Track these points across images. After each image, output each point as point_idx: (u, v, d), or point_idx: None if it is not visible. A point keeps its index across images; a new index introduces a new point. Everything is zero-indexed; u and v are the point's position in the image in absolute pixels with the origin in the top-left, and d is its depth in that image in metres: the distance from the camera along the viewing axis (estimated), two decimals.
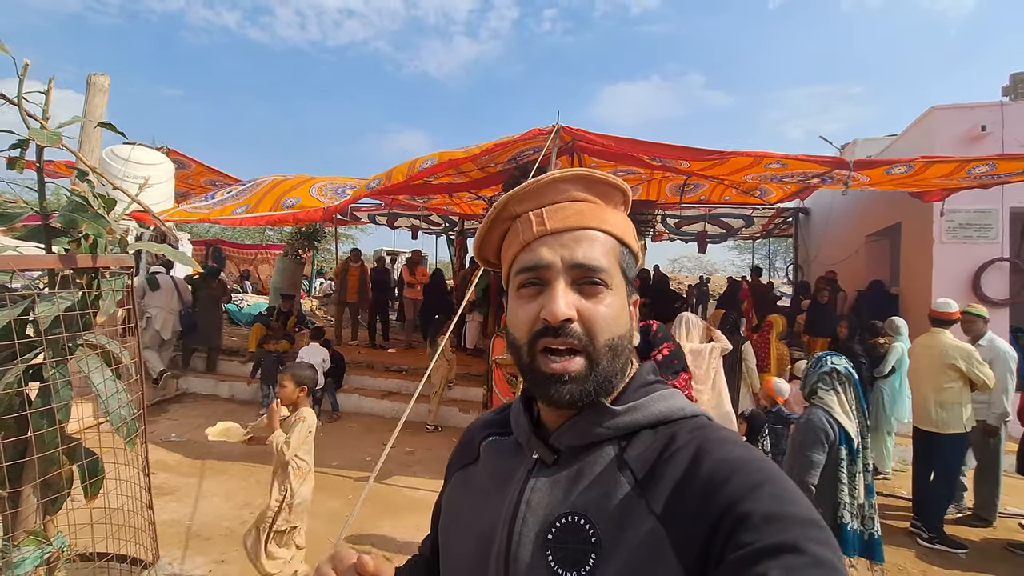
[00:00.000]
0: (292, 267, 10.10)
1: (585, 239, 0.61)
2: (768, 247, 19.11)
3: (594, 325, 0.59)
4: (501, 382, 5.03)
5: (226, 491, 4.23)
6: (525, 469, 0.63)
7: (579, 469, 0.60)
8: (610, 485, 0.57)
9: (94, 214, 1.15)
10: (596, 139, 4.43)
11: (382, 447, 5.53)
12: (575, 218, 0.62)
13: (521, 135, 4.63)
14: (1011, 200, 6.37)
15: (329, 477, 4.60)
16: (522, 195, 0.64)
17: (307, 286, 15.47)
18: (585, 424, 0.61)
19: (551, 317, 0.57)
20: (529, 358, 0.60)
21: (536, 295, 0.61)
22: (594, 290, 0.60)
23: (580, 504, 0.57)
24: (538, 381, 0.60)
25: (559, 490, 0.60)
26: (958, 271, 6.45)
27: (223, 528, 3.65)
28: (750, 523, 0.46)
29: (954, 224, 6.50)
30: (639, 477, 0.57)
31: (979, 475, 4.13)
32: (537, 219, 0.62)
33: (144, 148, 8.40)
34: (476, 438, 0.73)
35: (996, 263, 6.32)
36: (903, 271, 7.51)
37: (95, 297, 1.16)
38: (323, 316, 12.61)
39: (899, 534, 4.02)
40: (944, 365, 3.72)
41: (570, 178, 0.63)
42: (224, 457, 4.86)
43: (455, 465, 0.74)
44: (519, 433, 0.67)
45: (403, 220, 13.15)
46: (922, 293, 6.58)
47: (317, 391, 6.09)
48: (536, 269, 0.60)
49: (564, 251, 0.60)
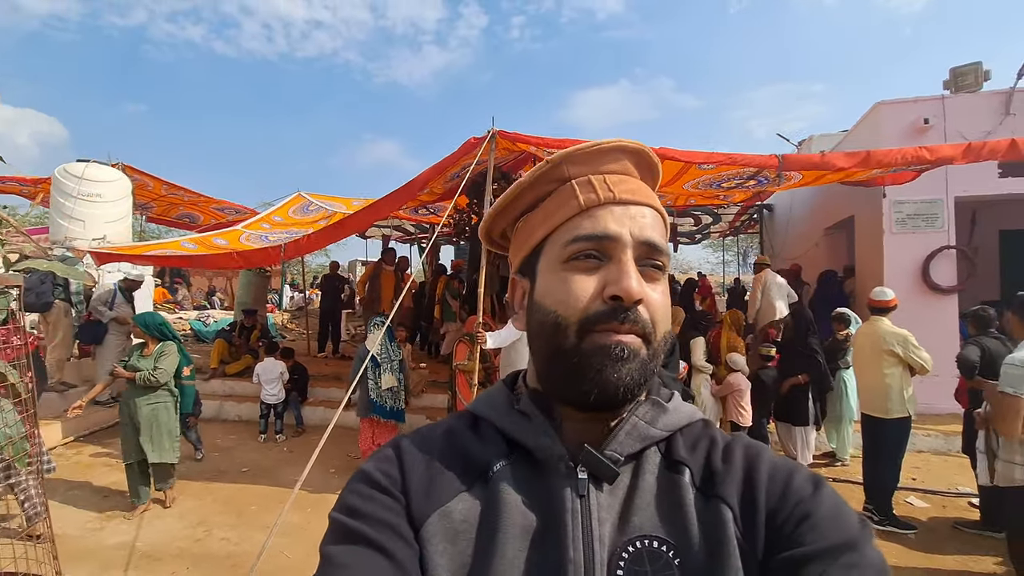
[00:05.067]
0: (257, 280, 9.96)
1: (651, 216, 0.55)
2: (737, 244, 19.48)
3: (656, 313, 0.53)
4: (464, 387, 5.02)
5: (180, 510, 4.13)
6: (572, 492, 0.52)
7: (632, 481, 0.54)
8: (673, 492, 0.53)
9: None
10: (531, 140, 4.49)
11: (348, 457, 5.51)
12: (640, 192, 0.56)
13: (457, 150, 4.66)
14: (955, 190, 6.59)
15: (289, 492, 4.52)
16: (581, 156, 0.56)
17: (277, 300, 15.26)
18: (644, 425, 0.55)
19: (626, 295, 0.50)
20: (578, 338, 0.51)
21: (594, 269, 0.53)
22: (655, 274, 0.54)
23: (647, 524, 0.51)
24: (587, 360, 0.50)
25: (618, 513, 0.52)
26: (908, 260, 6.64)
27: (175, 548, 3.57)
28: (813, 522, 0.48)
29: (903, 215, 6.70)
30: (697, 477, 0.53)
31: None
32: (600, 184, 0.55)
33: (98, 165, 8.28)
34: (448, 473, 0.54)
35: (944, 251, 6.53)
36: (858, 262, 7.72)
37: None
38: (295, 329, 12.46)
39: None
40: (883, 351, 3.83)
41: (632, 150, 0.58)
42: (180, 476, 4.76)
43: (422, 512, 0.52)
44: (546, 447, 0.54)
45: (373, 230, 13.10)
46: (875, 283, 6.76)
47: (279, 406, 6.01)
48: (601, 239, 0.53)
49: (633, 225, 0.54)
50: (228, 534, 3.79)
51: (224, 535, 3.78)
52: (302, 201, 9.19)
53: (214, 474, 4.93)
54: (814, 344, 5.19)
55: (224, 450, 5.64)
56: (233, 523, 3.95)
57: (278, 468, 5.16)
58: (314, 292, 13.11)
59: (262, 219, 8.20)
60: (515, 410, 0.58)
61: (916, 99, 6.80)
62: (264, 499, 4.41)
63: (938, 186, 6.54)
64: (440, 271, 9.36)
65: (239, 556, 3.49)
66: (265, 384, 5.93)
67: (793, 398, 5.05)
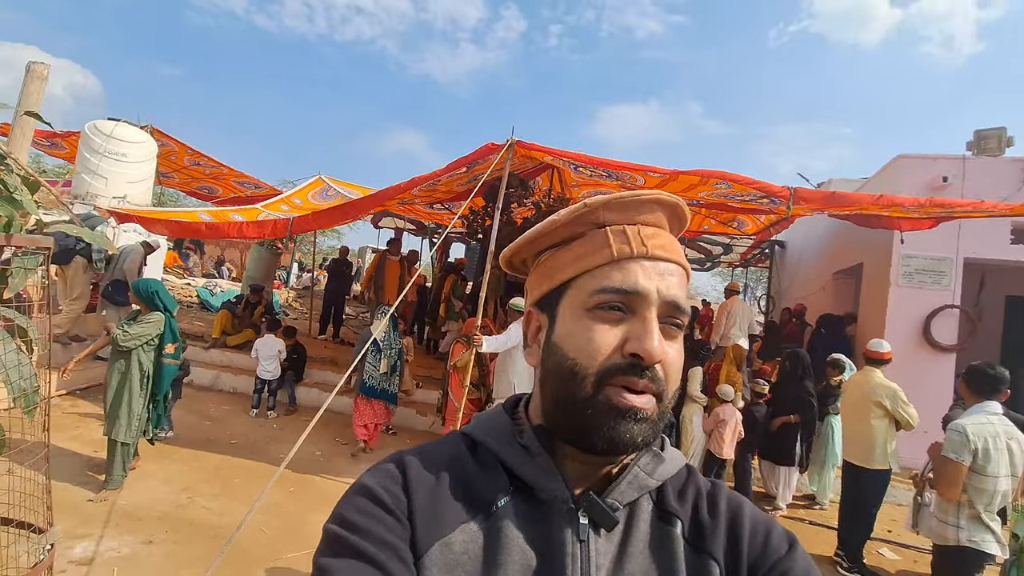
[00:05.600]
0: (268, 257, 10.09)
1: (677, 275, 0.56)
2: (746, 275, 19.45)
3: (671, 371, 0.54)
4: (456, 387, 5.09)
5: (166, 474, 4.23)
6: (573, 536, 0.53)
7: (627, 528, 0.56)
8: (665, 543, 0.55)
9: (8, 196, 1.21)
10: (548, 151, 4.61)
11: (335, 443, 5.59)
12: (670, 248, 0.57)
13: (475, 152, 4.77)
14: (966, 250, 6.62)
15: (275, 468, 4.60)
16: (619, 204, 0.56)
17: (284, 277, 15.41)
18: (644, 476, 0.57)
19: (647, 356, 0.51)
20: (594, 389, 0.52)
21: (618, 321, 0.53)
22: (674, 332, 0.55)
23: (638, 572, 0.53)
24: (600, 415, 0.52)
25: (614, 559, 0.54)
26: (911, 314, 6.67)
27: (157, 511, 3.66)
28: (774, 556, 0.55)
29: (911, 269, 6.72)
30: (687, 530, 0.57)
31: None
32: (635, 236, 0.56)
33: (128, 125, 8.44)
34: (452, 502, 0.54)
35: (947, 309, 6.55)
36: (861, 310, 7.74)
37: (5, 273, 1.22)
38: (298, 308, 12.59)
39: (824, 562, 4.15)
40: (872, 402, 3.87)
41: (668, 204, 0.58)
42: (170, 442, 4.86)
43: (425, 540, 0.52)
44: (550, 487, 0.55)
45: (387, 220, 13.21)
46: (877, 332, 6.78)
47: (274, 382, 6.11)
48: (629, 294, 0.53)
49: (661, 282, 0.54)
50: (211, 503, 3.87)
51: (207, 504, 3.86)
52: (322, 185, 9.33)
53: (203, 443, 5.02)
54: (809, 387, 5.23)
55: (215, 420, 5.73)
56: (217, 493, 4.03)
57: (266, 444, 5.25)
58: (321, 274, 13.26)
59: (282, 200, 8.33)
60: (518, 443, 0.58)
61: (937, 156, 6.84)
62: (249, 473, 4.50)
63: (949, 245, 6.57)
64: (449, 269, 9.45)
65: (219, 527, 3.57)
66: (262, 360, 6.03)
67: (782, 437, 5.09)
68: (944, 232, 6.34)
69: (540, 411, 0.59)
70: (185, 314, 9.56)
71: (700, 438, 5.00)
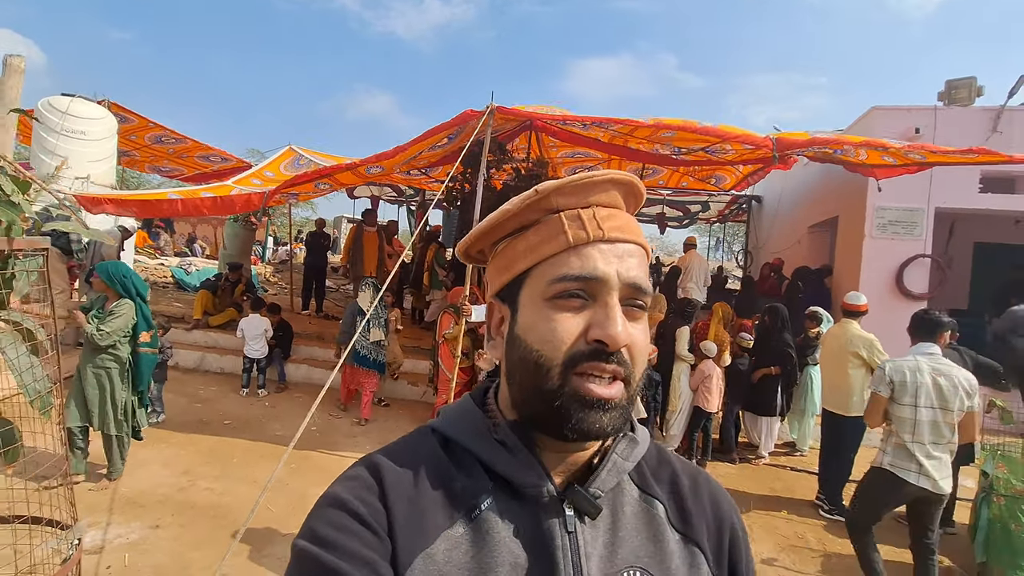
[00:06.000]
0: (243, 233, 9.86)
1: (636, 255, 0.55)
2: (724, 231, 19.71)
3: (637, 353, 0.53)
4: (447, 358, 5.14)
5: (164, 458, 4.23)
6: (561, 528, 0.53)
7: (612, 514, 0.56)
8: (652, 526, 0.57)
9: (8, 202, 1.17)
10: (528, 114, 4.58)
11: (329, 417, 5.64)
12: (627, 229, 0.56)
13: (453, 119, 4.70)
14: (937, 200, 6.80)
15: (272, 447, 4.66)
16: (571, 188, 0.55)
17: (260, 252, 15.12)
18: (622, 461, 0.57)
19: (612, 342, 0.51)
20: (561, 380, 0.51)
21: (580, 309, 0.53)
22: (637, 313, 0.54)
23: (631, 556, 0.54)
24: (568, 406, 0.51)
25: (604, 545, 0.54)
26: (885, 265, 6.88)
27: (159, 495, 3.68)
28: (741, 539, 0.62)
29: (884, 220, 6.90)
30: (671, 514, 0.59)
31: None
32: (590, 220, 0.54)
33: (84, 101, 8.02)
34: (432, 509, 0.53)
35: (919, 259, 6.78)
36: (837, 262, 7.95)
37: (8, 278, 1.19)
38: (277, 283, 12.41)
39: (806, 506, 4.40)
40: (849, 352, 4.05)
41: (623, 182, 0.57)
42: (163, 426, 4.84)
43: (407, 555, 0.50)
44: (534, 483, 0.54)
45: (363, 189, 12.97)
46: (852, 284, 7.00)
47: (262, 360, 6.09)
48: (588, 280, 0.52)
49: (620, 265, 0.53)
50: (212, 484, 3.91)
51: (208, 485, 3.90)
52: (293, 155, 9.07)
53: (197, 425, 5.02)
54: (788, 339, 5.42)
55: (206, 401, 5.72)
56: (217, 474, 4.07)
57: (260, 422, 5.28)
58: (297, 247, 13.03)
59: (253, 175, 8.09)
60: (494, 440, 0.56)
61: (911, 108, 6.94)
62: (246, 452, 4.54)
63: (921, 195, 6.74)
64: (432, 238, 9.37)
65: (222, 507, 3.62)
66: (249, 340, 5.98)
67: (763, 389, 5.29)
68: (916, 183, 6.49)
69: (510, 402, 0.58)
70: (161, 295, 9.36)
71: (687, 394, 5.17)
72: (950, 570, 3.53)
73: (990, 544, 3.17)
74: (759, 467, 5.25)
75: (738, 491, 4.61)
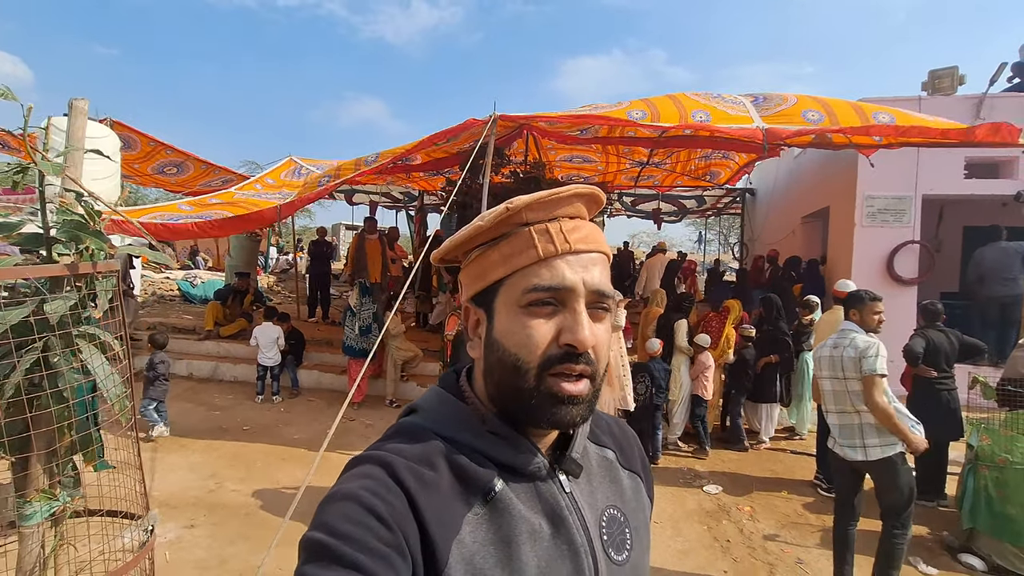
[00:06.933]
0: (248, 244, 10.04)
1: (599, 263, 0.62)
2: (720, 223, 19.90)
3: (600, 350, 0.60)
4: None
5: (190, 464, 4.42)
6: (560, 491, 0.63)
7: (586, 468, 0.67)
8: (611, 470, 0.71)
9: (95, 231, 1.35)
10: (530, 118, 4.76)
11: (344, 420, 5.81)
12: (591, 239, 0.62)
13: (456, 126, 4.87)
14: (924, 188, 7.01)
15: (290, 450, 4.84)
16: (538, 204, 0.60)
17: (263, 262, 15.30)
18: (587, 426, 0.70)
19: (580, 345, 0.57)
20: (537, 380, 0.58)
21: (551, 315, 0.59)
22: (601, 315, 0.61)
23: (603, 498, 0.68)
24: (544, 403, 0.58)
25: (588, 494, 0.66)
26: (875, 252, 7.10)
27: (190, 497, 3.87)
28: (639, 448, 0.79)
29: (874, 209, 7.11)
30: (617, 453, 0.74)
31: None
32: (558, 234, 0.60)
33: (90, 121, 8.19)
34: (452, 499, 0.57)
35: (908, 245, 6.98)
36: (830, 251, 8.16)
37: (90, 295, 1.37)
38: (280, 292, 12.59)
39: (805, 486, 4.59)
40: None
41: (586, 195, 0.63)
42: (185, 434, 5.03)
43: (443, 549, 0.54)
44: (534, 463, 0.62)
45: (361, 196, 13.14)
46: (845, 272, 7.21)
47: (275, 368, 6.27)
48: (558, 290, 0.58)
49: (585, 274, 0.59)
50: (239, 486, 4.10)
51: (235, 487, 4.08)
52: (294, 165, 9.25)
53: (217, 432, 5.20)
54: (783, 327, 5.62)
55: (223, 409, 5.90)
56: (243, 476, 4.26)
57: (277, 427, 5.46)
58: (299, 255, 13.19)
59: (255, 181, 8.29)
60: (487, 432, 0.62)
61: (895, 98, 7.11)
62: (267, 455, 4.72)
63: (908, 184, 6.95)
64: (436, 242, 9.54)
65: (250, 506, 3.81)
66: (263, 348, 6.17)
67: (762, 376, 5.49)
68: (903, 171, 6.71)
69: (486, 395, 0.65)
70: (170, 308, 9.55)
71: (687, 383, 5.37)
72: (940, 537, 3.72)
73: (975, 511, 3.36)
74: (760, 452, 5.44)
75: (741, 474, 4.81)
